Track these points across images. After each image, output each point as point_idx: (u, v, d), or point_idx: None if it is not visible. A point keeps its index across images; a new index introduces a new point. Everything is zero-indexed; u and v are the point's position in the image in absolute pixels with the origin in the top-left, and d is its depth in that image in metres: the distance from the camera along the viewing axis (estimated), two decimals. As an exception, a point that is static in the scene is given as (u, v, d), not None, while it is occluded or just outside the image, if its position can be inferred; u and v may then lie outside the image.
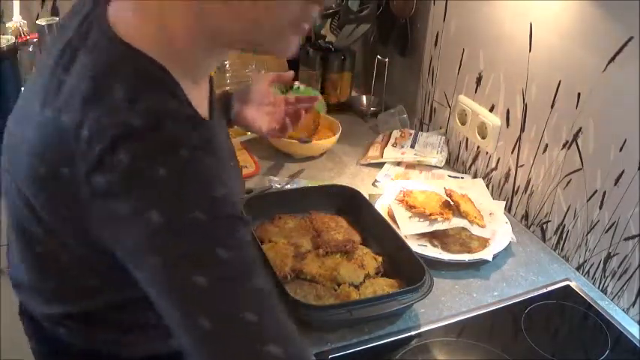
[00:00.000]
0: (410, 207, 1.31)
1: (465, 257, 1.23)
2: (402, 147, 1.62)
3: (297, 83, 1.78)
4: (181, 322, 0.62)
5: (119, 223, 0.63)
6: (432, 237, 1.27)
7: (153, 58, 0.68)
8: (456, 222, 1.27)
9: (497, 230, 1.30)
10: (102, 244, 0.67)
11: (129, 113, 0.63)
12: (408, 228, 1.27)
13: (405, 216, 1.30)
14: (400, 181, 1.47)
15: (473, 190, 1.41)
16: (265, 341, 0.61)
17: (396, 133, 1.67)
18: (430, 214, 1.27)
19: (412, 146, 1.63)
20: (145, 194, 0.62)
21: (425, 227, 1.27)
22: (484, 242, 1.27)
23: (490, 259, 1.23)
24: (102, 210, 0.64)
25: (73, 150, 0.64)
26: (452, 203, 1.32)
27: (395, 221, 1.29)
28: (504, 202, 1.42)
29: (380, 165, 1.59)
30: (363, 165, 1.60)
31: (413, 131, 1.68)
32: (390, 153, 1.61)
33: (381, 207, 1.34)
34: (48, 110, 0.67)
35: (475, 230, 1.27)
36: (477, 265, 1.25)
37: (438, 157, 1.58)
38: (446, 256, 1.23)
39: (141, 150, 0.62)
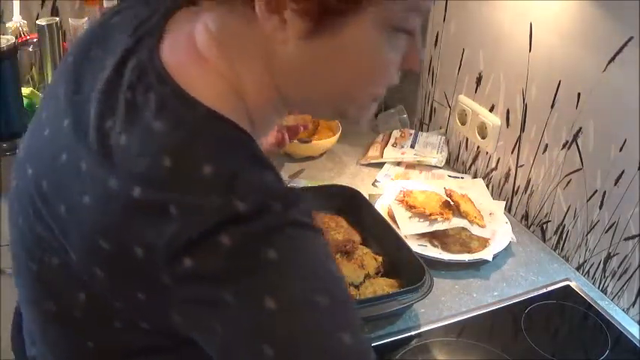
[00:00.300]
0: (410, 207, 1.31)
1: (465, 257, 1.23)
2: (402, 147, 1.62)
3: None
4: None
5: (215, 310, 0.56)
6: (432, 237, 1.27)
7: (236, 123, 0.60)
8: (456, 222, 1.27)
9: (497, 230, 1.30)
10: (175, 328, 0.60)
11: (229, 195, 0.55)
12: (408, 228, 1.27)
13: (405, 216, 1.30)
14: (400, 181, 1.47)
15: (473, 190, 1.41)
16: None
17: (396, 133, 1.67)
18: (430, 214, 1.27)
19: (412, 146, 1.62)
20: (255, 280, 0.55)
21: (425, 227, 1.27)
22: (484, 242, 1.27)
23: (490, 259, 1.23)
24: (188, 295, 0.56)
25: (155, 233, 0.56)
26: (452, 203, 1.32)
27: (395, 221, 1.29)
28: (504, 202, 1.42)
29: (380, 165, 1.59)
30: (363, 165, 1.60)
31: (413, 131, 1.68)
32: (390, 153, 1.61)
33: (381, 207, 1.34)
34: (112, 179, 0.57)
35: (475, 230, 1.27)
36: (476, 265, 1.25)
37: (438, 157, 1.58)
38: (446, 256, 1.23)
39: (248, 234, 0.55)
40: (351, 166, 1.60)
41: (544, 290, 1.20)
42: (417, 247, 1.23)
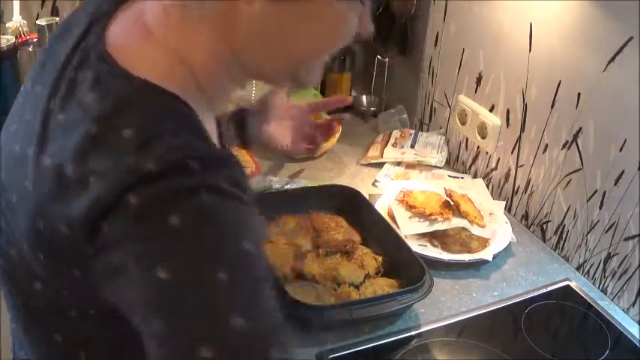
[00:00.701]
0: (410, 207, 1.31)
1: (465, 257, 1.23)
2: (402, 147, 1.62)
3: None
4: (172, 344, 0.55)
5: (123, 276, 0.55)
6: (432, 237, 1.27)
7: (174, 94, 0.60)
8: (456, 222, 1.27)
9: (497, 230, 1.30)
10: (105, 300, 0.59)
11: (142, 155, 0.55)
12: (408, 228, 1.27)
13: (405, 216, 1.30)
14: (400, 181, 1.47)
15: (473, 190, 1.41)
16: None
17: (396, 133, 1.67)
18: (430, 214, 1.27)
19: (412, 146, 1.62)
20: (152, 246, 0.54)
21: (425, 227, 1.27)
22: (484, 242, 1.27)
23: (490, 259, 1.23)
24: (106, 263, 0.56)
25: (77, 207, 0.56)
26: (452, 203, 1.32)
27: (395, 221, 1.29)
28: (504, 202, 1.42)
29: (380, 165, 1.58)
30: (363, 165, 1.60)
31: (413, 131, 1.68)
32: (390, 153, 1.61)
33: (381, 207, 1.34)
34: (45, 157, 0.59)
35: (475, 230, 1.27)
36: (476, 265, 1.25)
37: (438, 157, 1.58)
38: (446, 256, 1.23)
39: (154, 194, 0.54)
40: (351, 166, 1.60)
41: (544, 290, 1.20)
42: (417, 247, 1.23)
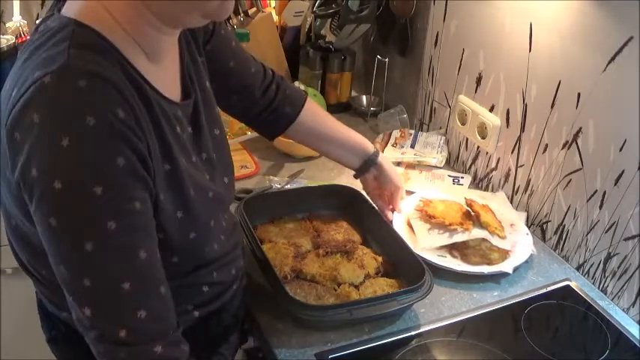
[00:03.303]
0: (429, 217, 1.27)
1: (485, 269, 1.20)
2: (402, 147, 1.62)
3: (297, 83, 1.78)
4: (67, 278, 0.71)
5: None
6: (452, 248, 1.24)
7: (93, 28, 0.72)
8: (476, 233, 1.24)
9: (518, 241, 1.27)
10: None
11: (46, 70, 0.67)
12: (427, 241, 1.23)
13: (424, 228, 1.26)
14: (419, 191, 1.43)
15: (493, 201, 1.38)
16: (136, 307, 0.71)
17: (396, 133, 1.67)
18: (450, 224, 1.24)
19: (412, 146, 1.62)
20: (48, 158, 0.66)
21: (444, 240, 1.23)
22: (504, 254, 1.24)
23: (511, 271, 1.20)
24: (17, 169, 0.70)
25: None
26: (472, 213, 1.29)
27: (413, 233, 1.26)
28: (525, 214, 1.39)
29: None
30: None
31: (413, 131, 1.68)
32: (390, 153, 1.61)
33: (401, 217, 1.31)
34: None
35: (495, 241, 1.24)
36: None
37: (438, 157, 1.58)
38: (466, 268, 1.20)
39: (43, 106, 0.66)
40: (351, 166, 1.60)
41: (544, 290, 1.20)
42: (436, 257, 1.21)
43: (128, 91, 0.72)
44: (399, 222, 1.29)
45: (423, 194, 1.39)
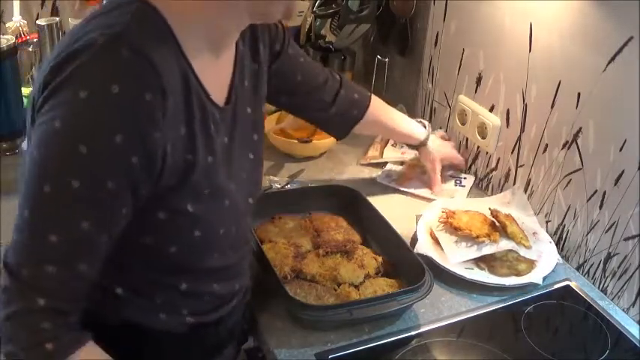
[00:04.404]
0: (455, 229, 1.25)
1: (514, 281, 1.19)
2: (402, 147, 1.62)
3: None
4: (19, 203, 0.74)
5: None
6: (479, 259, 1.22)
7: (160, 10, 0.76)
8: (504, 244, 1.22)
9: (544, 251, 1.26)
10: None
11: (101, 32, 0.72)
12: (456, 255, 1.21)
13: (451, 241, 1.24)
14: (440, 200, 1.40)
15: (513, 206, 1.37)
16: (48, 261, 0.72)
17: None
18: (477, 237, 1.22)
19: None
20: (62, 99, 0.71)
21: (473, 253, 1.21)
22: (531, 264, 1.23)
23: (541, 282, 1.19)
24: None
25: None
26: (497, 224, 1.27)
27: (439, 245, 1.25)
28: (545, 221, 1.36)
29: (380, 165, 1.59)
30: (363, 165, 1.60)
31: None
32: (390, 153, 1.60)
33: (423, 228, 1.29)
34: None
35: (522, 252, 1.23)
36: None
37: None
38: (495, 280, 1.19)
39: (84, 61, 0.70)
40: (351, 166, 1.60)
41: (544, 290, 1.20)
42: (463, 270, 1.19)
43: (170, 77, 0.74)
44: (422, 232, 1.28)
45: (444, 205, 1.36)
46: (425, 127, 1.45)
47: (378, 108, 1.36)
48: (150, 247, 0.82)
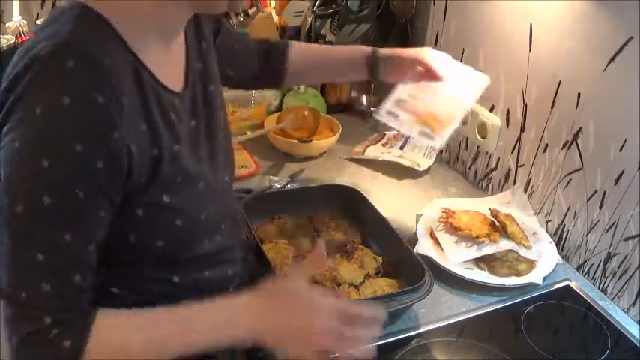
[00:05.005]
0: (455, 229, 1.25)
1: (514, 281, 1.19)
2: (392, 147, 1.62)
3: (297, 83, 1.78)
4: None
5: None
6: (479, 259, 1.23)
7: (100, 12, 0.76)
8: (504, 244, 1.23)
9: (544, 251, 1.26)
10: None
11: (47, 42, 0.72)
12: (456, 255, 1.22)
13: (451, 241, 1.25)
14: (440, 201, 1.40)
15: (513, 206, 1.37)
16: (43, 279, 0.72)
17: (389, 135, 1.68)
18: (477, 237, 1.23)
19: (402, 148, 1.63)
20: (18, 120, 0.71)
21: (473, 253, 1.22)
22: (531, 264, 1.23)
23: (541, 282, 1.20)
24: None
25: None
26: (497, 224, 1.27)
27: (439, 245, 1.25)
28: (544, 221, 1.37)
29: (366, 161, 1.60)
30: (345, 159, 1.61)
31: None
32: (372, 151, 1.61)
33: (423, 227, 1.29)
34: None
35: (522, 252, 1.23)
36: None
37: (422, 161, 1.57)
38: (495, 280, 1.19)
39: (33, 76, 0.71)
40: (351, 166, 1.60)
41: (544, 290, 1.20)
42: (463, 270, 1.20)
43: (120, 76, 0.74)
44: (422, 232, 1.28)
45: (444, 205, 1.36)
46: None
47: (303, 47, 1.31)
48: (136, 245, 0.83)
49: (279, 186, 1.45)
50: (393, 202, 1.44)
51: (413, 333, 1.08)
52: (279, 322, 0.81)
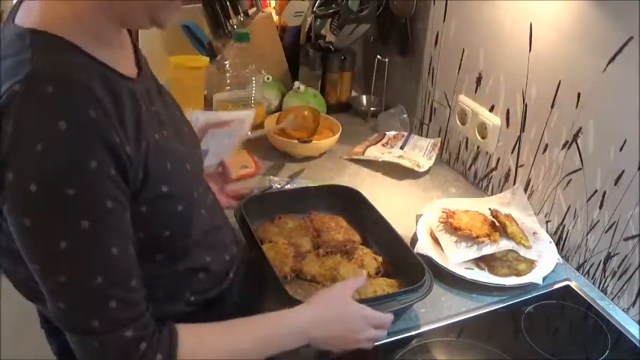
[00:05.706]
0: (455, 229, 1.25)
1: (514, 281, 1.19)
2: (392, 147, 1.62)
3: (297, 83, 1.78)
4: (41, 276, 0.74)
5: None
6: (478, 259, 1.23)
7: (53, 34, 0.74)
8: (504, 244, 1.23)
9: (543, 251, 1.26)
10: None
11: (15, 79, 0.70)
12: (456, 256, 1.21)
13: (451, 241, 1.25)
14: (440, 201, 1.40)
15: (513, 206, 1.37)
16: (107, 298, 0.74)
17: (389, 134, 1.68)
18: (477, 237, 1.23)
19: (402, 147, 1.63)
20: (23, 162, 0.69)
21: (473, 253, 1.22)
22: (530, 264, 1.23)
23: (541, 282, 1.20)
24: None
25: None
26: (497, 224, 1.27)
27: (439, 245, 1.25)
28: (544, 221, 1.37)
29: (364, 162, 1.60)
30: (346, 159, 1.61)
31: (406, 133, 1.68)
32: (372, 151, 1.61)
33: (423, 227, 1.30)
34: None
35: (522, 252, 1.23)
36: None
37: (422, 162, 1.57)
38: (495, 280, 1.19)
39: (16, 115, 0.69)
40: (351, 166, 1.60)
41: (544, 290, 1.20)
42: (463, 270, 1.20)
43: (93, 85, 0.74)
44: (422, 232, 1.28)
45: (444, 205, 1.36)
46: None
47: None
48: (144, 240, 0.83)
49: (279, 186, 1.45)
50: (393, 202, 1.44)
51: (413, 333, 1.08)
52: (335, 333, 0.95)
